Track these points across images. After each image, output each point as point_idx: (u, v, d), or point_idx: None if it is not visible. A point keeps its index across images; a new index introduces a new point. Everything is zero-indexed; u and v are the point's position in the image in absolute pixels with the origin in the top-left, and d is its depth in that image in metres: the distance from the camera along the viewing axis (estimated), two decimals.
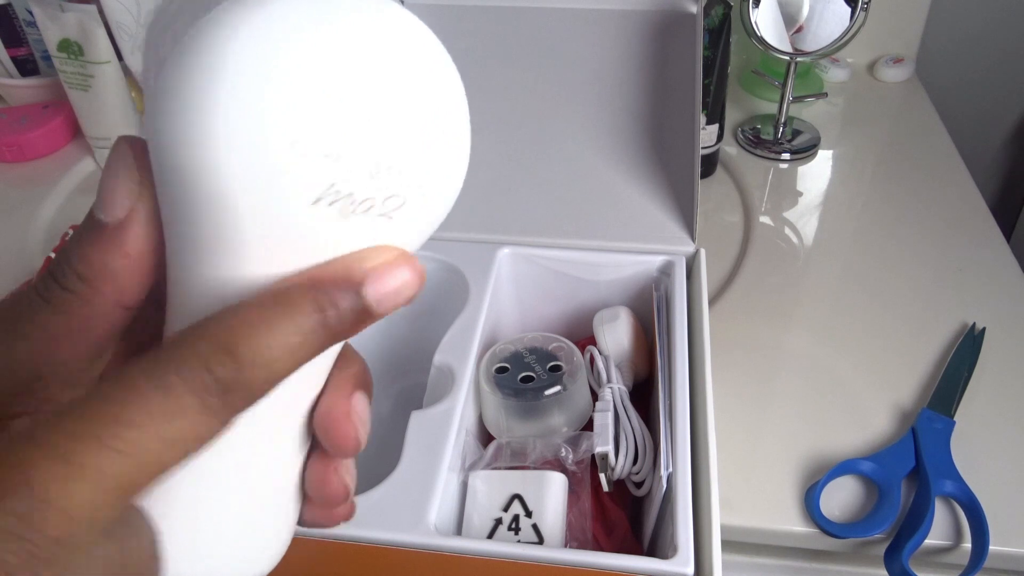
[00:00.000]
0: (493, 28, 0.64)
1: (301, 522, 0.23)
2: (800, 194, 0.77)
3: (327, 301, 0.18)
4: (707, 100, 0.73)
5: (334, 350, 0.21)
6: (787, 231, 0.72)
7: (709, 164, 0.79)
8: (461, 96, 0.20)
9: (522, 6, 0.65)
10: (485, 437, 0.49)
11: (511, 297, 0.56)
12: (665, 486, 0.40)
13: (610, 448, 0.43)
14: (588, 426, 0.46)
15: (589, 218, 0.55)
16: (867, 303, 0.64)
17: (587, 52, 0.62)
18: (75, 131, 0.86)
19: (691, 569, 0.36)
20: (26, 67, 0.89)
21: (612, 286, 0.54)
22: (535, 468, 0.43)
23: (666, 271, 0.53)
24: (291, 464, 0.22)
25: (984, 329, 0.60)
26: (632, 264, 0.53)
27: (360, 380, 0.22)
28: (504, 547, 0.37)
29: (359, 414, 0.22)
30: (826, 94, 0.84)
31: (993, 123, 1.06)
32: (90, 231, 0.18)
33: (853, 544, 0.49)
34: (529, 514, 0.42)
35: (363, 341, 0.27)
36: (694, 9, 0.63)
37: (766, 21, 0.76)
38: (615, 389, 0.47)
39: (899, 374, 0.57)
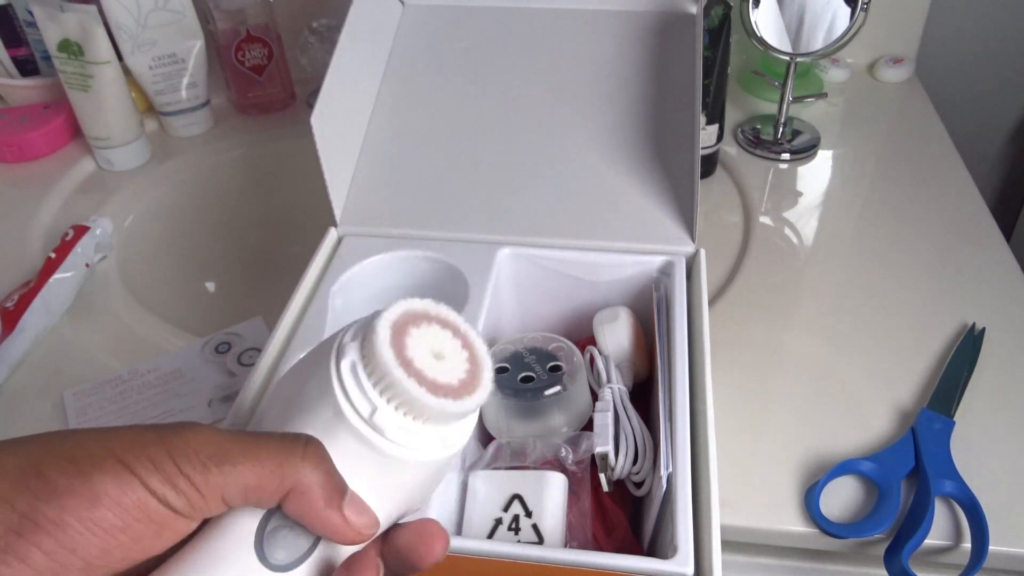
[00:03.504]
0: (493, 28, 0.64)
1: None
2: (800, 194, 0.77)
3: None
4: (707, 100, 0.73)
5: None
6: (787, 231, 0.72)
7: (709, 164, 0.79)
8: None
9: (522, 6, 0.65)
10: (485, 437, 0.49)
11: (511, 297, 0.56)
12: (665, 486, 0.40)
13: (610, 448, 0.43)
14: (588, 426, 0.46)
15: (589, 218, 0.55)
16: (867, 303, 0.64)
17: (587, 52, 0.62)
18: (75, 131, 0.86)
19: (691, 569, 0.36)
20: (26, 67, 0.89)
21: (612, 286, 0.54)
22: (535, 468, 0.43)
23: (666, 271, 0.53)
24: None
25: (984, 329, 0.60)
26: (632, 264, 0.53)
27: None
28: (504, 547, 0.37)
29: None
30: (826, 94, 0.84)
31: (993, 123, 1.06)
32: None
33: (853, 544, 0.49)
34: (529, 514, 0.42)
35: None
36: (694, 9, 0.63)
37: (766, 21, 0.76)
38: (615, 389, 0.47)
39: (899, 374, 0.57)
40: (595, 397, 0.48)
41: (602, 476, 0.44)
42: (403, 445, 0.25)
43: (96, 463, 0.22)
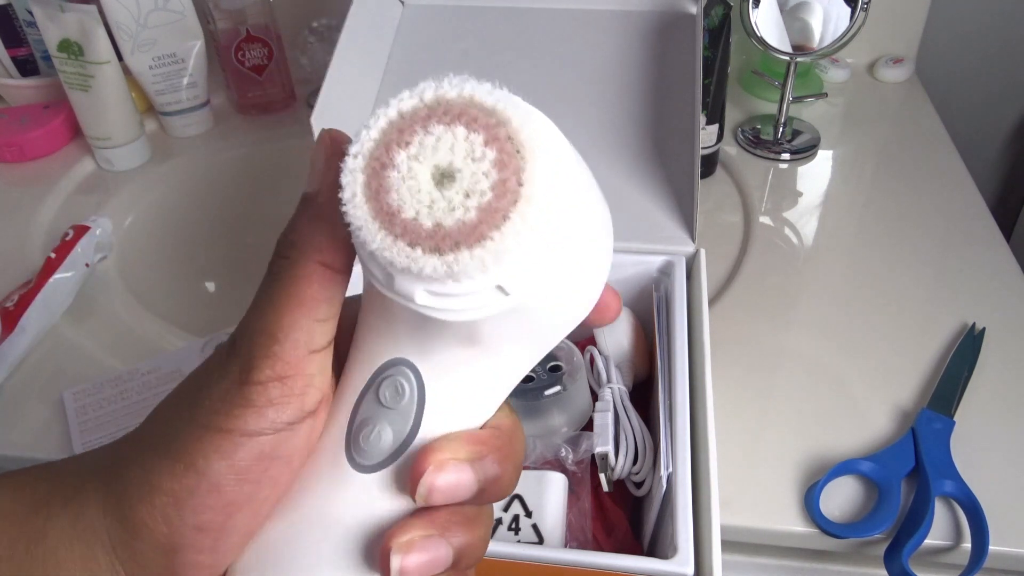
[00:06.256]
0: (493, 28, 0.64)
1: None
2: (800, 194, 0.77)
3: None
4: (707, 100, 0.73)
5: None
6: (787, 231, 0.72)
7: (709, 164, 0.79)
8: None
9: (522, 6, 0.65)
10: None
11: None
12: (665, 486, 0.40)
13: (610, 448, 0.43)
14: (588, 426, 0.46)
15: None
16: (867, 303, 0.64)
17: (587, 52, 0.62)
18: (75, 131, 0.86)
19: (691, 569, 0.36)
20: (26, 67, 0.89)
21: (612, 286, 0.54)
22: (535, 468, 0.44)
23: (666, 271, 0.53)
24: None
25: (984, 329, 0.60)
26: (632, 264, 0.53)
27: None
28: (504, 547, 0.37)
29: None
30: (826, 94, 0.84)
31: (993, 123, 1.06)
32: (299, 205, 0.22)
33: (853, 544, 0.49)
34: (529, 514, 0.42)
35: None
36: (694, 9, 0.63)
37: (766, 21, 0.76)
38: (615, 389, 0.47)
39: (899, 374, 0.57)
40: (595, 397, 0.48)
41: (602, 476, 0.44)
42: (435, 307, 0.19)
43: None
